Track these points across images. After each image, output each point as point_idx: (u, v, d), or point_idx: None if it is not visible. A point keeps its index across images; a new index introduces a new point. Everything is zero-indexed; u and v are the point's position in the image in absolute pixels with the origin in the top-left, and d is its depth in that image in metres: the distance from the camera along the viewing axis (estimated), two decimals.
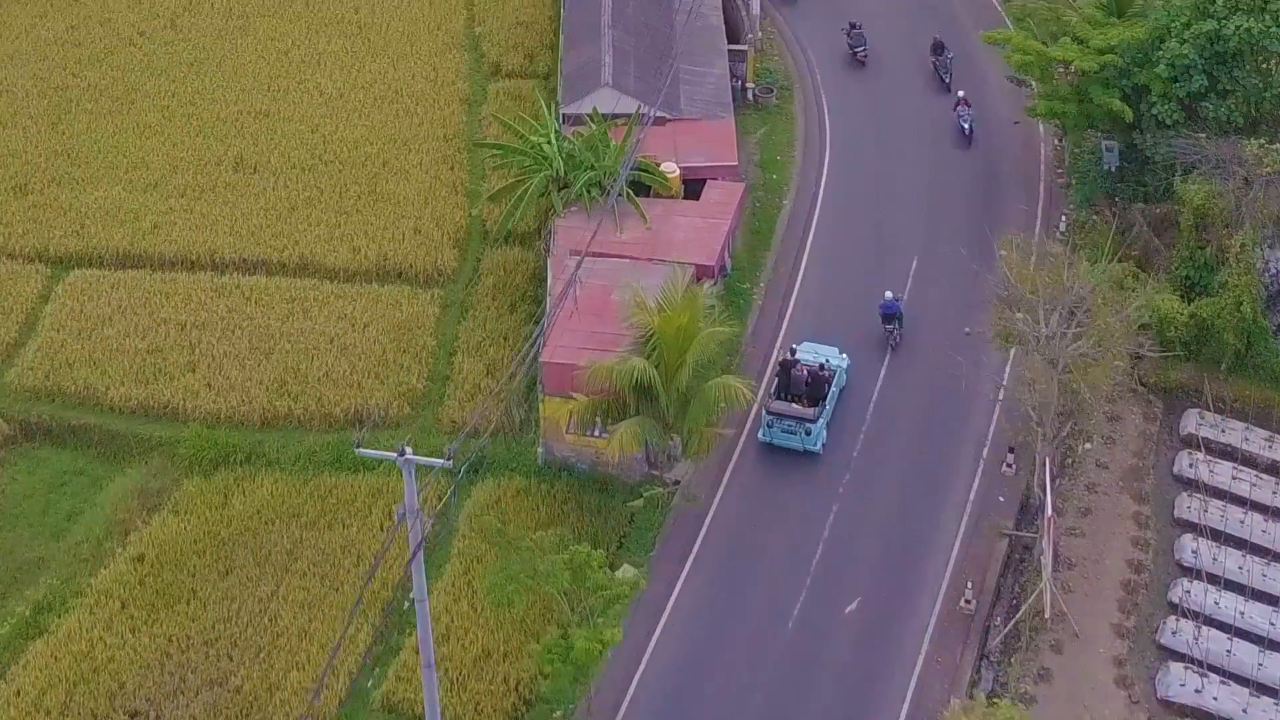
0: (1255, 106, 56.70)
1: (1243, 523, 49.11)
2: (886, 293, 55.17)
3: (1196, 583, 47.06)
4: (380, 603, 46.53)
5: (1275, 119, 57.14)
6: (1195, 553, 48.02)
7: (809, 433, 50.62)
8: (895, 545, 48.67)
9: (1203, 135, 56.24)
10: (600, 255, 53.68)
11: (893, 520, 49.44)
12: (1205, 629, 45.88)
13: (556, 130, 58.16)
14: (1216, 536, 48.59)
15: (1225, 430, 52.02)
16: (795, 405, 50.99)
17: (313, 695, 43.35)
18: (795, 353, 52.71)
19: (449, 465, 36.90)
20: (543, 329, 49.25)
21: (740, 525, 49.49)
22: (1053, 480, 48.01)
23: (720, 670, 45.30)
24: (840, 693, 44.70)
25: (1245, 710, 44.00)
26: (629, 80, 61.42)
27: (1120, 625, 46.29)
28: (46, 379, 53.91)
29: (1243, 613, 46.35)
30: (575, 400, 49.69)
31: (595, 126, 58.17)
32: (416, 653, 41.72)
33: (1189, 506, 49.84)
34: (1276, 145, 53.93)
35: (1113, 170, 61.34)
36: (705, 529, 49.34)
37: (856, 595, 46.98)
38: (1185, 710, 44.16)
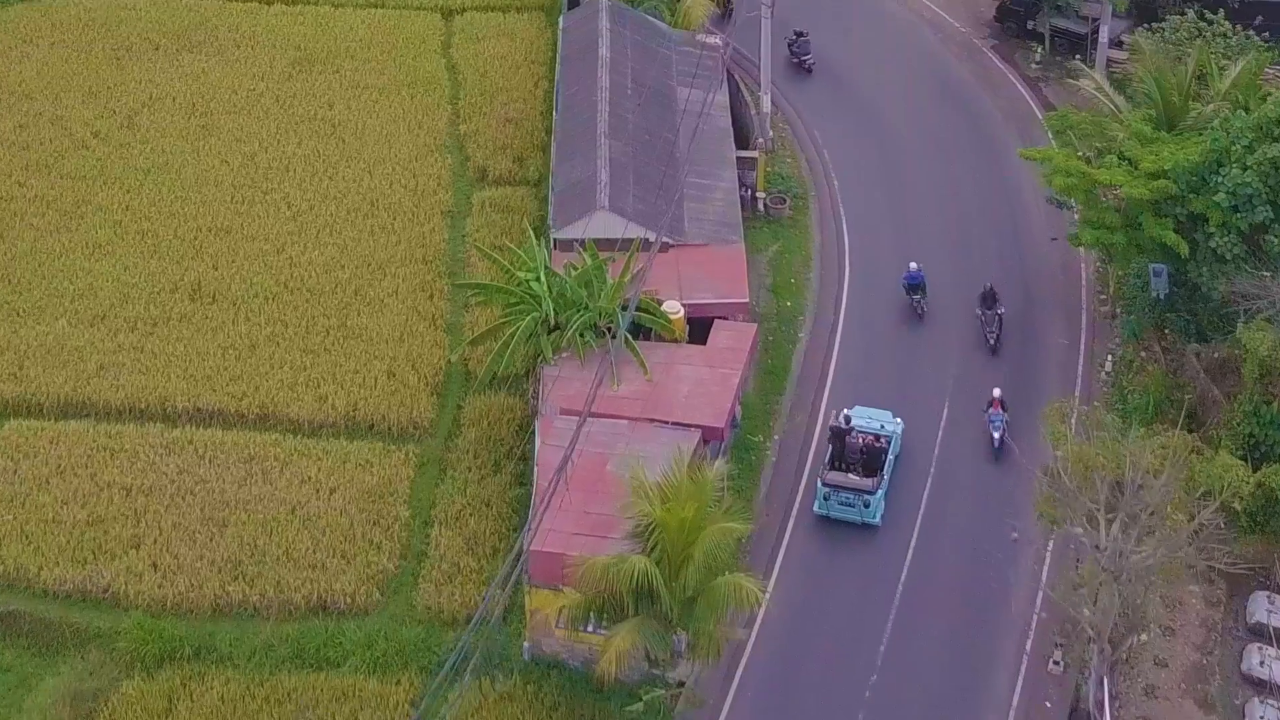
0: None
1: None
2: (911, 264, 56.07)
3: None
4: None
5: None
6: None
7: (868, 504, 48.58)
8: None
9: (1268, 274, 50.31)
10: (595, 415, 47.68)
11: None
12: None
13: (546, 264, 52.20)
14: None
15: None
16: (851, 476, 49.03)
17: None
18: (849, 420, 50.14)
19: None
20: (529, 525, 43.31)
21: None
22: (1112, 700, 42.10)
23: None
24: None
25: None
26: (627, 201, 55.42)
27: None
28: None
29: None
30: (565, 595, 43.84)
31: (590, 261, 52.23)
32: None
33: (1262, 717, 43.94)
34: None
35: (1161, 298, 55.40)
36: None
37: None
38: None
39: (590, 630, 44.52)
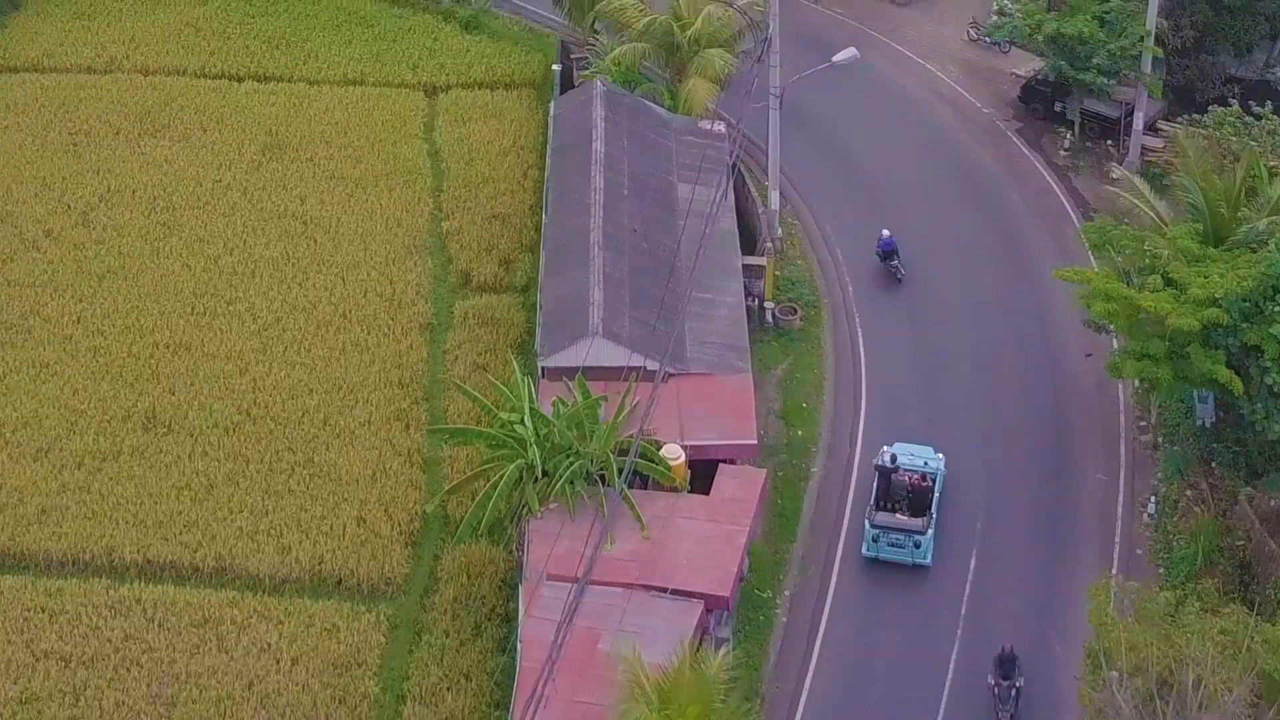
0: None
1: None
2: (884, 231, 57.39)
3: None
4: None
5: None
6: None
7: (918, 545, 47.42)
8: None
9: None
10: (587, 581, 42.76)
11: None
12: None
13: (532, 402, 47.22)
14: None
15: None
16: (899, 516, 47.82)
17: None
18: (894, 458, 48.75)
19: None
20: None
21: None
22: None
23: None
24: None
25: None
26: (623, 324, 50.40)
27: None
28: None
29: None
30: None
31: (581, 399, 47.27)
32: None
33: None
34: None
35: (1208, 426, 50.52)
36: None
37: None
38: None
39: None
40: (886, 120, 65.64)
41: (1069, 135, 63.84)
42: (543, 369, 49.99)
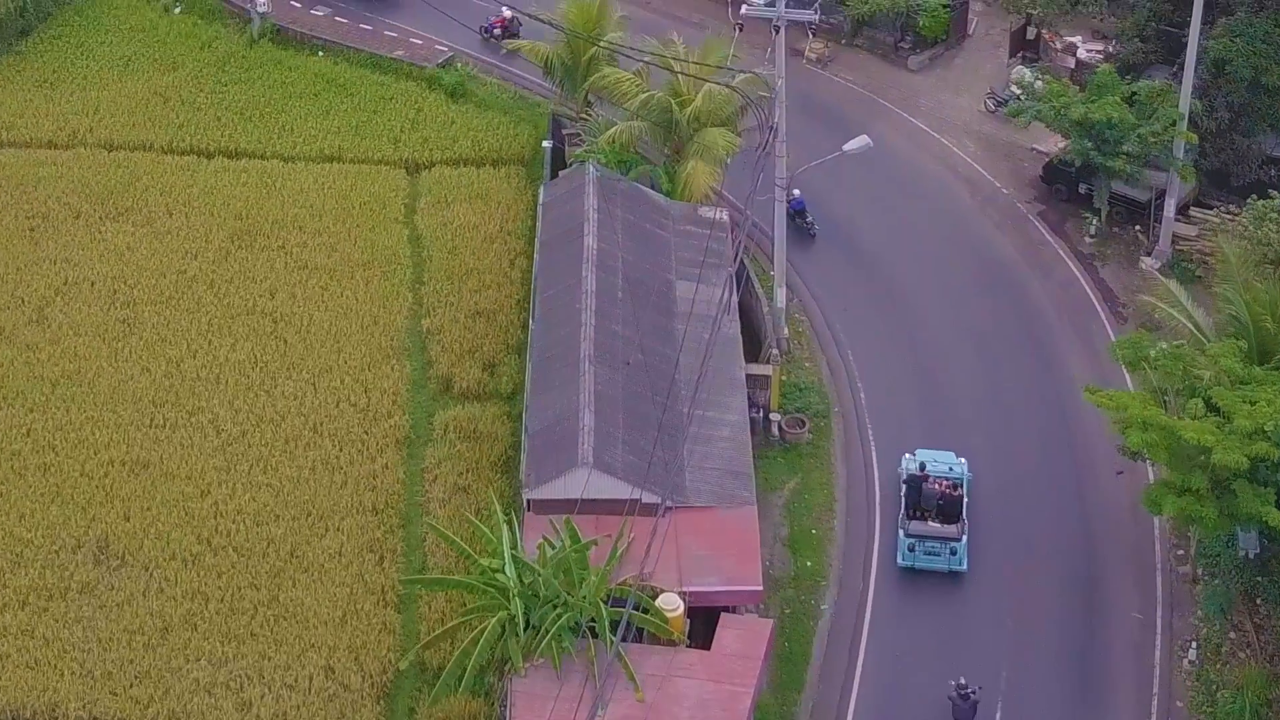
0: None
1: None
2: (795, 190, 56.55)
3: None
4: None
5: None
6: None
7: (954, 551, 47.27)
8: None
9: None
10: None
11: None
12: None
13: (515, 548, 43.10)
14: None
15: None
16: (932, 524, 47.62)
17: None
18: (924, 466, 48.64)
19: None
20: None
21: None
22: None
23: None
24: None
25: None
26: (616, 452, 46.21)
27: None
28: None
29: None
30: None
31: (569, 542, 43.13)
32: None
33: None
34: None
35: (1252, 557, 46.50)
36: None
37: None
38: None
39: None
40: (900, 201, 61.41)
41: (1095, 221, 59.54)
42: (528, 501, 45.86)
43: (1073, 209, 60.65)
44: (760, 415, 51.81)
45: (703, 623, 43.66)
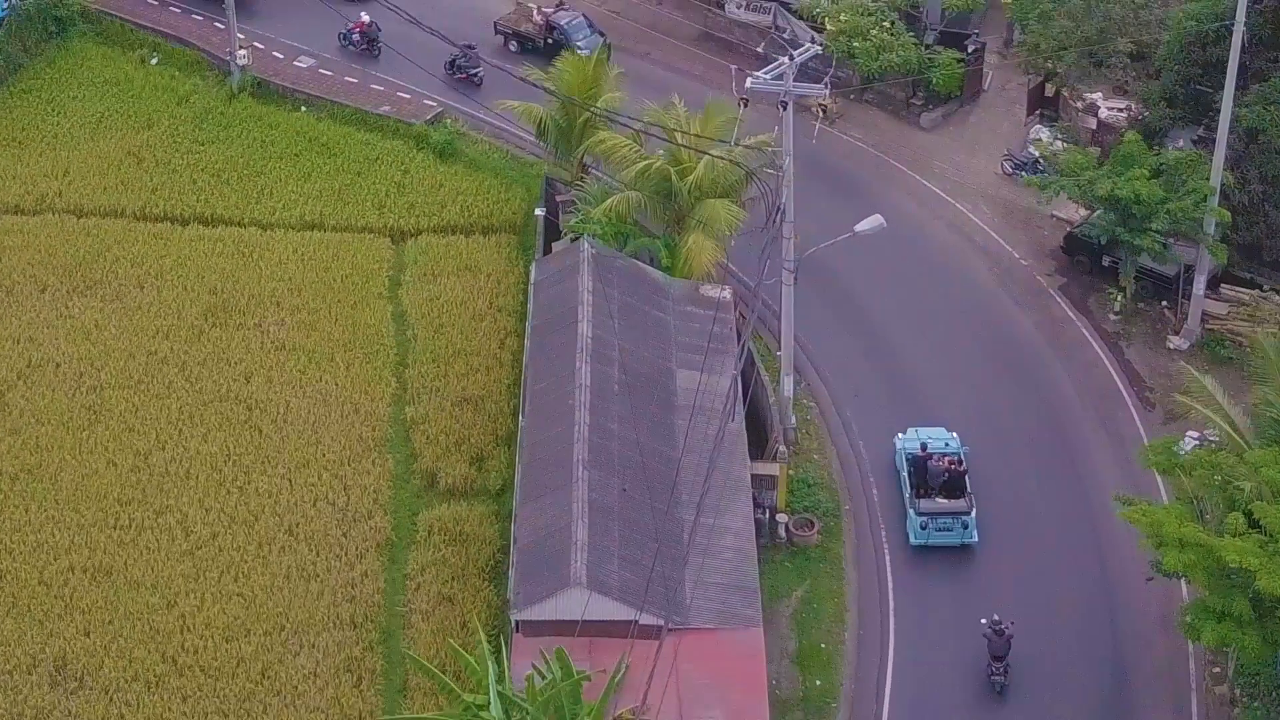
0: None
1: None
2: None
3: None
4: None
5: None
6: None
7: (965, 525, 47.93)
8: None
9: None
10: None
11: None
12: None
13: (501, 681, 39.79)
14: None
15: None
16: (940, 500, 48.31)
17: None
18: (926, 446, 49.35)
19: None
20: None
21: None
22: None
23: None
24: None
25: None
26: (611, 569, 42.90)
27: None
28: None
29: None
30: None
31: (559, 673, 39.83)
32: None
33: None
34: None
35: None
36: None
37: None
38: None
39: None
40: (913, 274, 58.06)
41: (1120, 297, 56.22)
42: (516, 622, 42.58)
43: (1095, 282, 57.33)
44: (766, 516, 48.56)
45: None
